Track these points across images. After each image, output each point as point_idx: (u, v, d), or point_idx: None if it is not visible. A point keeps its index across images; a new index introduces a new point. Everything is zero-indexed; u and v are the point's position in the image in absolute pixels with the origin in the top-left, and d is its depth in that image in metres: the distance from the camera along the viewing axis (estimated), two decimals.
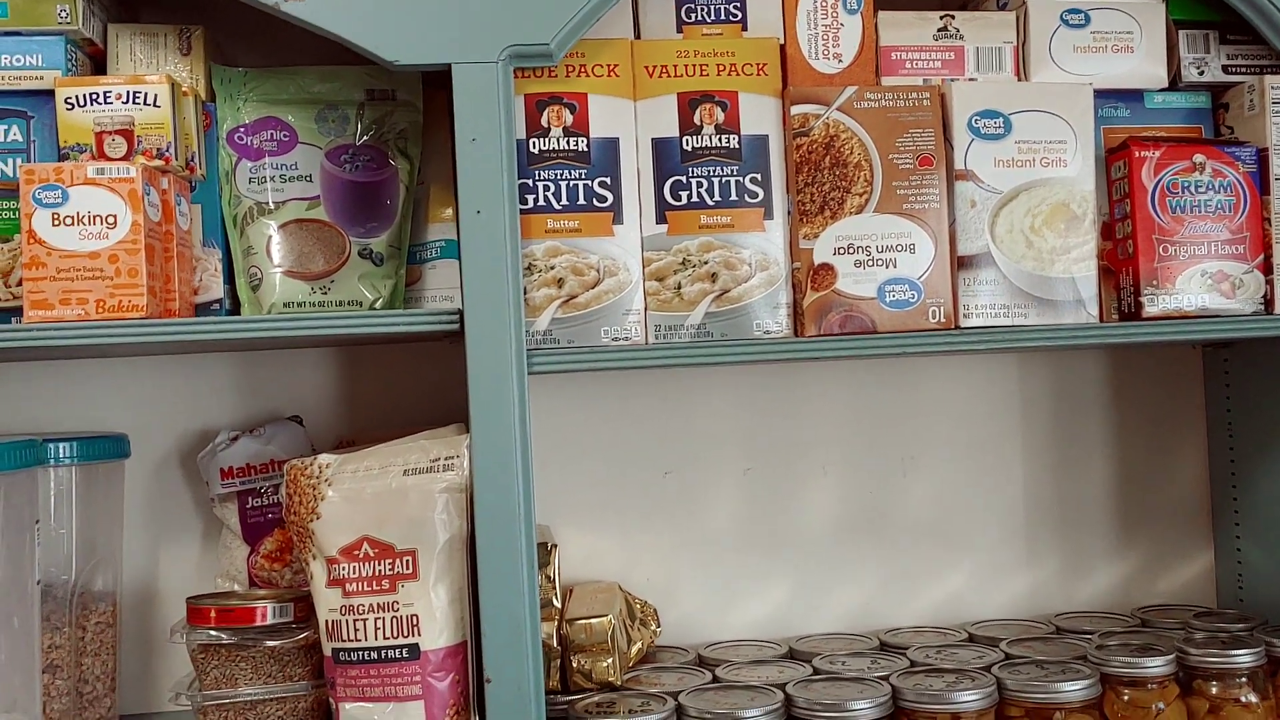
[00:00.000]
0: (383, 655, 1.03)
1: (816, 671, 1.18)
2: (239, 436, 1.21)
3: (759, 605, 1.35)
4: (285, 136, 1.17)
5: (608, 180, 1.08)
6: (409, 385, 1.31)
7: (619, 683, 1.15)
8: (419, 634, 1.03)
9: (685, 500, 1.34)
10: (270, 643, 1.09)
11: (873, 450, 1.37)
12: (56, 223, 1.01)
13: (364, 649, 1.04)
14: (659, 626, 1.29)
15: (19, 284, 1.08)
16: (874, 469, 1.37)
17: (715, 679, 1.17)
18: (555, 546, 1.17)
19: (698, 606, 1.35)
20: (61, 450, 1.14)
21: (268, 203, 1.15)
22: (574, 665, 1.14)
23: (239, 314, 1.14)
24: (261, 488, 1.20)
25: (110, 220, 1.01)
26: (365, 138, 1.18)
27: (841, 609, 1.36)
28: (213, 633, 1.09)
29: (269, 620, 1.10)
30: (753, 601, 1.35)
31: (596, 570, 1.32)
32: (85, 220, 1.01)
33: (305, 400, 1.30)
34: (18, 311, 1.08)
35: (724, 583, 1.35)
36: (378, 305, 1.15)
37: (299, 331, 1.04)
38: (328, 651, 1.06)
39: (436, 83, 1.20)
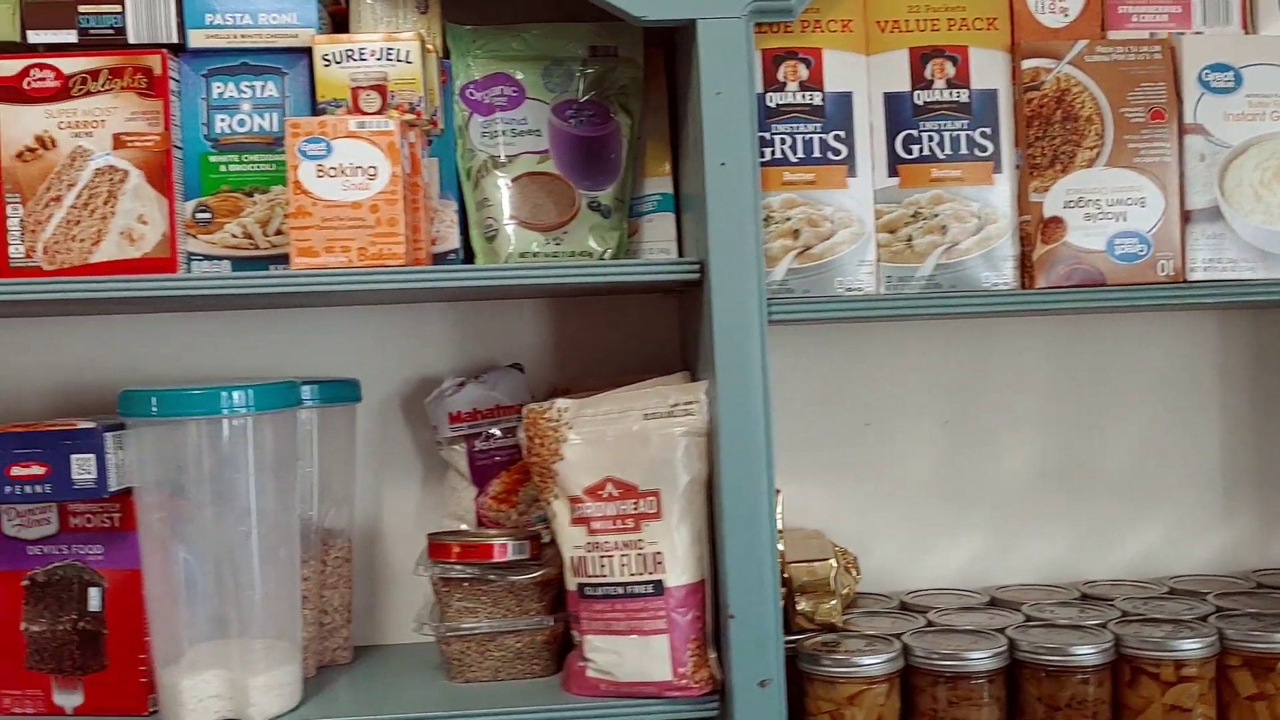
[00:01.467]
0: (628, 591, 1.08)
1: (1029, 619, 1.20)
2: (465, 383, 1.26)
3: (955, 556, 1.38)
4: (514, 92, 1.21)
5: (842, 134, 1.11)
6: (617, 336, 1.34)
7: (839, 624, 1.18)
8: (663, 571, 1.07)
9: (884, 451, 1.37)
10: (514, 577, 1.14)
11: (1070, 404, 1.38)
12: (321, 174, 1.06)
13: (610, 584, 1.08)
14: (858, 574, 1.32)
15: (276, 233, 1.14)
16: (1071, 423, 1.38)
17: (930, 623, 1.20)
18: (779, 491, 1.21)
19: (894, 555, 1.37)
20: (306, 393, 1.20)
21: (500, 156, 1.19)
22: (797, 607, 1.17)
23: (472, 264, 1.19)
24: (488, 431, 1.25)
25: (371, 171, 1.06)
26: (589, 94, 1.21)
27: (1037, 561, 1.38)
28: (457, 567, 1.15)
29: (508, 557, 1.15)
30: (948, 552, 1.38)
31: (797, 519, 1.35)
32: (348, 171, 1.06)
33: (516, 349, 1.34)
34: (275, 259, 1.14)
35: (920, 533, 1.37)
36: (606, 256, 1.19)
37: (548, 280, 1.08)
38: (572, 586, 1.11)
39: (654, 41, 1.24)
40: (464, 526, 1.26)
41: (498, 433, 1.25)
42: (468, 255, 1.20)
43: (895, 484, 1.37)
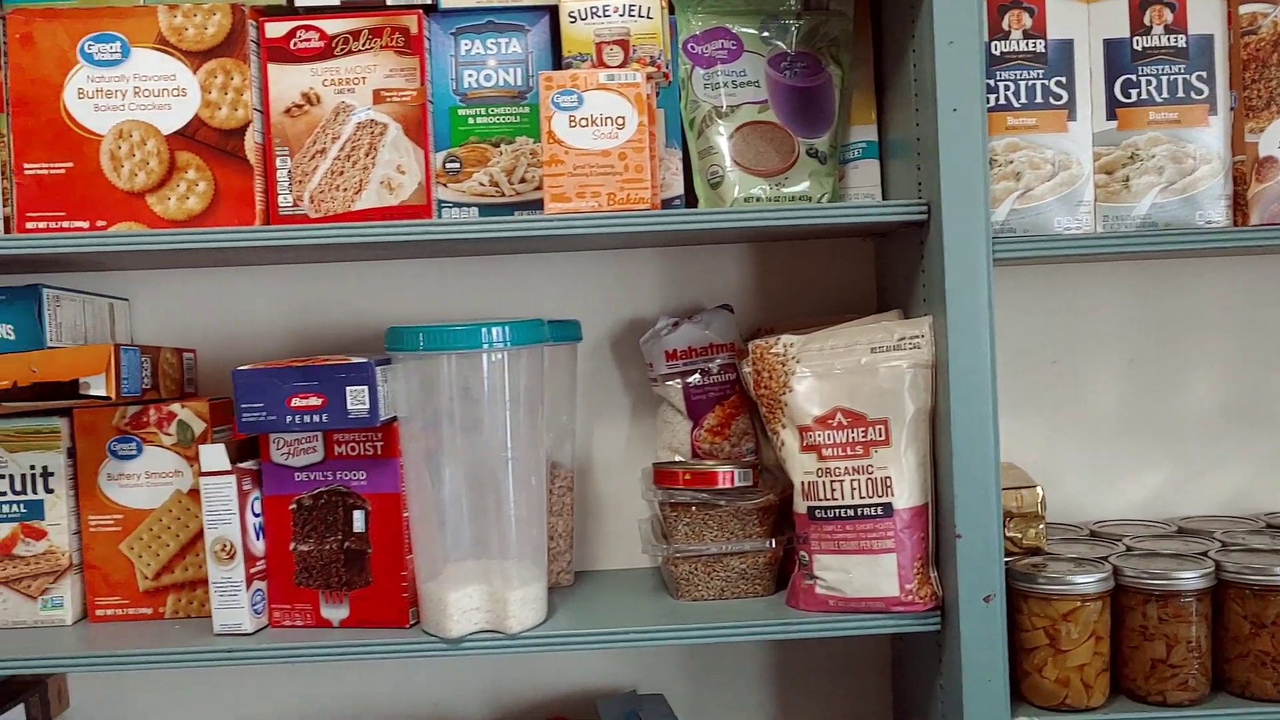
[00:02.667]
0: (859, 513, 1.15)
1: (1224, 545, 1.26)
2: (680, 322, 1.34)
3: (1137, 489, 1.43)
4: (733, 45, 1.27)
5: (1063, 79, 1.16)
6: (815, 279, 1.41)
7: (1045, 548, 1.25)
8: (892, 494, 1.15)
9: (1070, 388, 1.43)
10: (741, 502, 1.22)
11: (1252, 342, 1.42)
12: (573, 124, 1.13)
13: (840, 507, 1.16)
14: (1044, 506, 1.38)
15: (520, 181, 1.22)
16: (1254, 360, 1.42)
17: (1129, 548, 1.26)
18: None
19: (1078, 488, 1.43)
20: None
21: (722, 106, 1.25)
22: (1005, 532, 1.23)
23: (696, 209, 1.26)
24: (703, 368, 1.33)
25: (619, 121, 1.13)
26: (801, 46, 1.27)
27: (1217, 494, 1.43)
28: (687, 493, 1.23)
29: (735, 484, 1.23)
30: (1131, 485, 1.43)
31: None
32: (598, 121, 1.13)
33: (720, 292, 1.41)
34: (520, 206, 1.22)
35: (1104, 466, 1.43)
36: (822, 200, 1.25)
37: (784, 222, 1.14)
38: (801, 509, 1.18)
39: None
40: (678, 458, 1.34)
41: (712, 369, 1.32)
42: (689, 201, 1.28)
43: (1080, 419, 1.43)
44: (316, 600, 1.21)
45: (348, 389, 1.15)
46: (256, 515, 1.21)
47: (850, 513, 1.15)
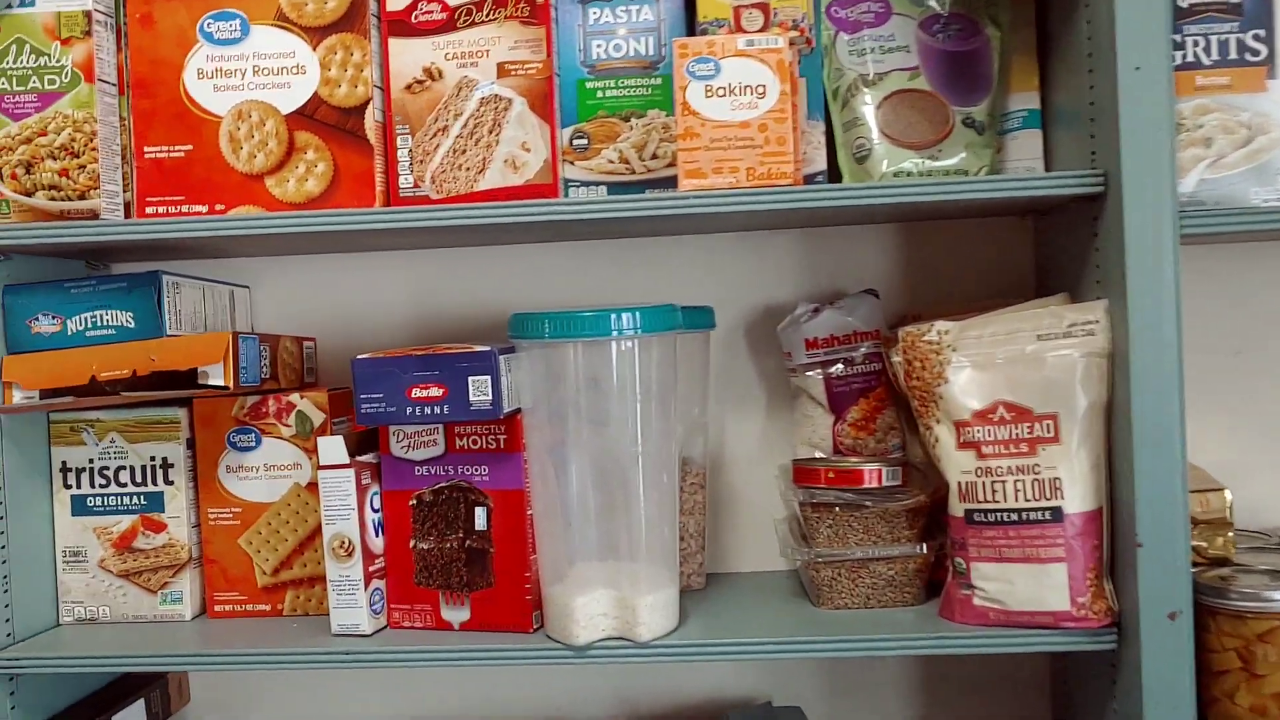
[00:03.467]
0: (1023, 517, 1.04)
1: None
2: (820, 309, 1.24)
3: None
4: (880, 8, 1.17)
5: (1262, 33, 1.03)
6: (966, 262, 1.30)
7: (1233, 559, 1.12)
8: (1061, 497, 1.03)
9: (1256, 381, 1.29)
10: (890, 504, 1.12)
11: None
12: (709, 94, 1.05)
13: (1003, 510, 1.05)
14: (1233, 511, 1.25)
15: (652, 157, 1.14)
16: None
17: None
18: None
19: (1266, 491, 1.29)
20: None
21: (869, 74, 1.16)
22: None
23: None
24: (846, 357, 1.23)
25: (759, 90, 1.05)
26: (955, 6, 1.17)
27: None
28: (831, 493, 1.14)
29: (883, 483, 1.13)
30: None
31: None
32: (736, 91, 1.05)
33: (862, 276, 1.31)
34: (651, 184, 1.14)
35: None
36: (980, 173, 1.15)
37: (944, 197, 1.04)
38: (958, 512, 1.08)
39: None
40: (818, 454, 1.25)
41: (856, 358, 1.23)
42: (832, 177, 1.18)
43: (1268, 415, 1.29)
44: (437, 601, 1.16)
45: (470, 379, 1.09)
46: (375, 511, 1.16)
47: (1014, 517, 1.05)
